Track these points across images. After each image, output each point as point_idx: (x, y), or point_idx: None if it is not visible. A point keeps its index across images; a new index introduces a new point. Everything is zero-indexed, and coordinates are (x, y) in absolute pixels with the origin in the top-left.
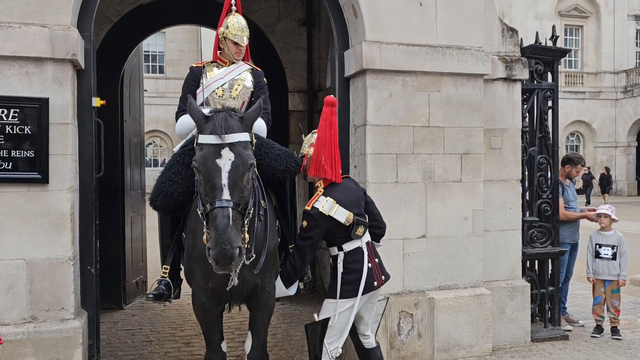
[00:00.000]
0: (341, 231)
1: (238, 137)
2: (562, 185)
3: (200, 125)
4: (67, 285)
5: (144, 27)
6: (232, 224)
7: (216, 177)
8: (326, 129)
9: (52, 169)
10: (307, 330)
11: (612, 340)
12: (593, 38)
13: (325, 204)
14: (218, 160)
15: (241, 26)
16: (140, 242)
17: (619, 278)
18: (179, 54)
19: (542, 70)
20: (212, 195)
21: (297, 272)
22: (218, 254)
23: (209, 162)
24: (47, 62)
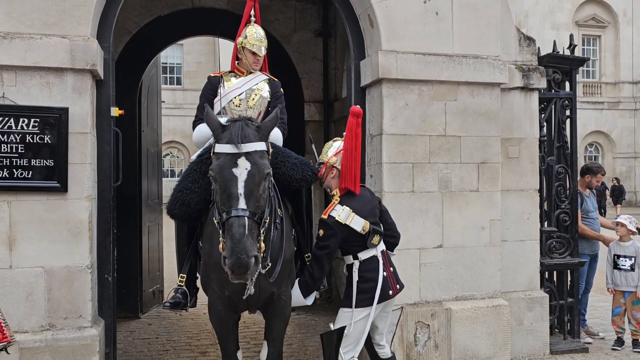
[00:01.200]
0: (357, 240)
1: (254, 147)
2: (582, 196)
3: (217, 134)
4: (84, 293)
5: (162, 38)
6: (247, 233)
7: (232, 186)
8: (352, 140)
9: (71, 178)
10: (323, 340)
11: (634, 353)
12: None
13: (341, 212)
14: (234, 170)
15: (260, 36)
16: (157, 251)
17: (637, 290)
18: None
19: (559, 79)
20: (228, 205)
21: (316, 282)
22: (234, 263)
23: (225, 171)
24: (67, 72)
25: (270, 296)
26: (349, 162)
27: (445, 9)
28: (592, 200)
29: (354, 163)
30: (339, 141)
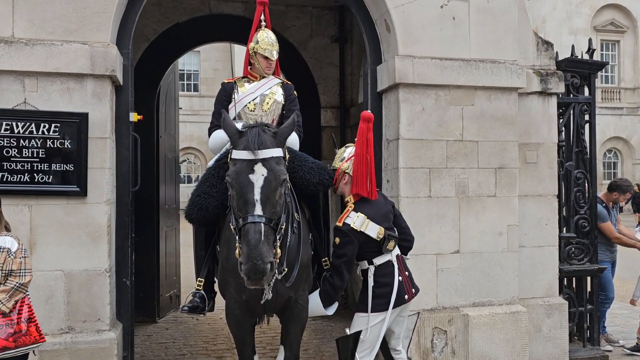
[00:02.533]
0: (372, 246)
1: (271, 153)
2: (608, 209)
3: (234, 140)
4: (103, 296)
5: (180, 45)
6: (263, 239)
7: (249, 192)
8: (363, 145)
9: (91, 182)
10: (339, 345)
11: None
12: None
13: (356, 219)
14: (251, 176)
15: (271, 41)
16: (174, 256)
17: None
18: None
19: (578, 84)
20: (245, 210)
21: (337, 291)
22: (249, 269)
23: (241, 177)
24: (87, 78)
25: (287, 300)
26: (361, 168)
27: (462, 13)
28: (615, 214)
29: (365, 168)
30: (351, 147)
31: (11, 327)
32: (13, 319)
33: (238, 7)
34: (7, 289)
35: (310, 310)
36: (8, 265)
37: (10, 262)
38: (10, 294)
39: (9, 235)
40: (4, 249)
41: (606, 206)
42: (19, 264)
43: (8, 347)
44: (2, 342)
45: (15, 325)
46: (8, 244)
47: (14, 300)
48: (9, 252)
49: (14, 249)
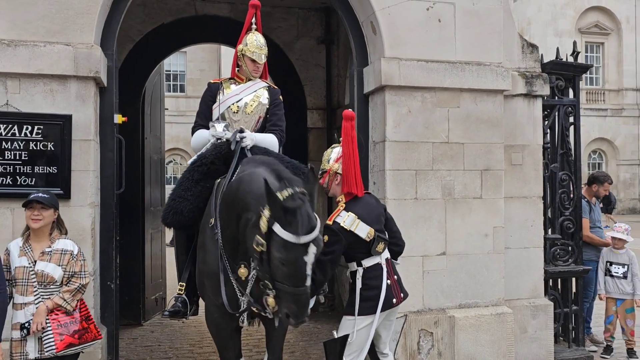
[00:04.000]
0: (361, 247)
1: (318, 229)
2: (590, 205)
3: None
4: (87, 300)
5: (165, 46)
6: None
7: (301, 269)
8: (348, 144)
9: (74, 185)
10: (326, 348)
11: None
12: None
13: (346, 219)
14: (305, 257)
15: (260, 44)
16: (159, 259)
17: (635, 298)
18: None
19: (563, 86)
20: (296, 283)
21: (318, 287)
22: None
23: (299, 262)
24: (71, 79)
25: None
26: (349, 167)
27: (448, 16)
28: (598, 210)
29: (352, 167)
30: (337, 147)
31: (76, 324)
32: (76, 317)
33: (224, 8)
34: (72, 289)
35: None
36: (71, 267)
37: (73, 264)
38: (73, 294)
39: (68, 239)
40: (67, 251)
41: (588, 201)
42: (80, 266)
43: (73, 344)
44: (69, 339)
45: (79, 324)
46: (70, 247)
47: (76, 300)
48: (72, 255)
49: (76, 252)
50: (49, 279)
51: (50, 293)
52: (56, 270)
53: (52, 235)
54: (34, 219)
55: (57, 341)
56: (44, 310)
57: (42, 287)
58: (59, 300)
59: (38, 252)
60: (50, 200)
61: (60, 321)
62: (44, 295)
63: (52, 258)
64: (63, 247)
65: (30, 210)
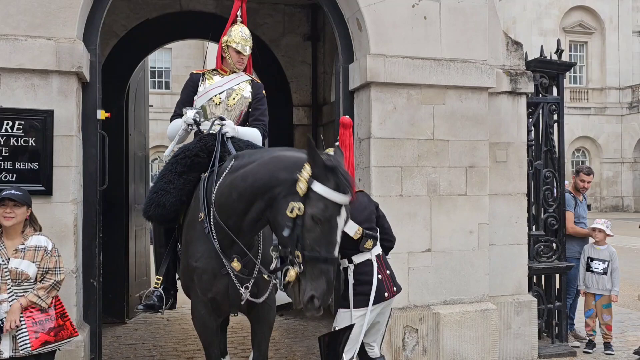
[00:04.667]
0: (350, 244)
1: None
2: (576, 200)
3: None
4: (69, 298)
5: (150, 41)
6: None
7: (333, 233)
8: (346, 152)
9: (56, 181)
10: (322, 342)
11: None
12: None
13: None
14: (338, 219)
15: (245, 36)
16: (144, 256)
17: (612, 294)
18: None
19: (547, 84)
20: (326, 249)
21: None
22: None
23: (332, 221)
24: (53, 74)
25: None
26: None
27: (433, 13)
28: (584, 207)
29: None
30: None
31: (51, 322)
32: (51, 315)
33: (210, 4)
34: (46, 286)
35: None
36: (45, 263)
37: (47, 260)
38: (48, 291)
39: (42, 235)
40: (41, 247)
41: (574, 196)
42: (55, 263)
43: (49, 342)
44: (44, 337)
45: (54, 321)
46: (44, 243)
47: (51, 297)
48: (46, 251)
49: (50, 248)
50: (24, 277)
51: (25, 290)
52: (30, 267)
53: (25, 232)
54: (6, 216)
55: (32, 339)
56: (18, 308)
57: (16, 284)
58: (34, 298)
59: (11, 250)
60: (22, 197)
61: (35, 319)
62: (18, 293)
63: (26, 255)
64: (37, 243)
65: (2, 207)
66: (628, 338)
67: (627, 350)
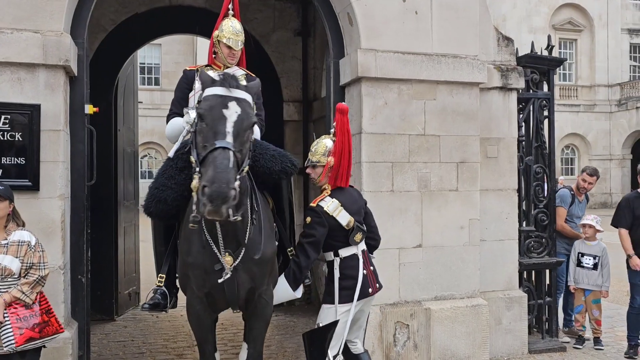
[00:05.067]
0: (340, 235)
1: (244, 95)
2: (574, 198)
3: (207, 85)
4: (57, 294)
5: (139, 36)
6: (231, 166)
7: (221, 124)
8: (345, 137)
9: (43, 177)
10: (307, 339)
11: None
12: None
13: (330, 204)
14: (224, 111)
15: (236, 30)
16: (133, 253)
17: (602, 289)
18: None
19: (537, 80)
20: (214, 139)
21: (302, 271)
22: (214, 192)
23: (215, 110)
24: (39, 68)
25: (250, 292)
26: (343, 161)
27: (424, 8)
28: (582, 207)
29: (347, 161)
30: (328, 139)
31: (35, 318)
32: (36, 311)
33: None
34: (30, 282)
35: (277, 295)
36: (29, 258)
37: (31, 255)
38: (32, 286)
39: (25, 230)
40: (24, 242)
41: (573, 194)
42: (39, 258)
43: (34, 338)
44: (29, 333)
45: (39, 317)
46: (27, 238)
47: (35, 293)
48: (29, 246)
49: (33, 243)
50: (7, 272)
51: (8, 286)
52: (13, 262)
53: (7, 228)
54: None
55: (16, 335)
56: (1, 304)
57: (0, 280)
58: (17, 293)
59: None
60: (4, 191)
61: (20, 315)
62: (2, 289)
63: (9, 250)
64: (20, 238)
65: None
66: (617, 333)
67: (617, 345)
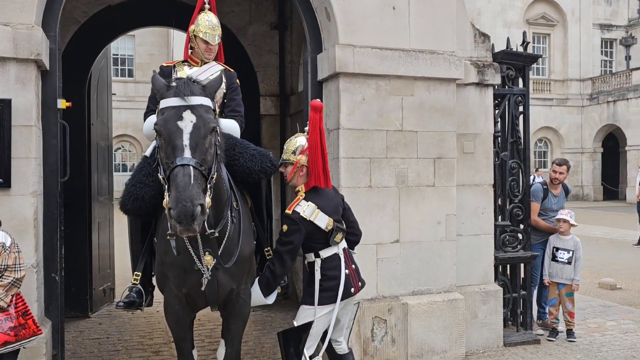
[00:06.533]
0: (320, 237)
1: (200, 100)
2: (547, 192)
3: (162, 93)
4: (30, 293)
5: (112, 28)
6: (193, 182)
7: (177, 138)
8: (317, 136)
9: (15, 173)
10: (281, 338)
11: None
12: (560, 46)
13: (306, 208)
14: (179, 122)
15: (212, 24)
16: (107, 248)
17: (573, 283)
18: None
19: (513, 76)
20: (173, 156)
21: (277, 279)
22: (180, 213)
23: (170, 124)
24: (10, 62)
25: (230, 293)
26: (317, 159)
27: (402, 3)
28: (557, 200)
29: (321, 159)
30: (301, 137)
31: (11, 321)
32: (11, 314)
33: None
34: (4, 284)
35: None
36: (4, 260)
37: (6, 257)
38: (7, 289)
39: (1, 231)
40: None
41: (547, 188)
42: (14, 259)
43: (9, 342)
44: (4, 337)
45: (14, 320)
46: (2, 239)
47: (10, 295)
48: (4, 247)
49: (8, 244)
50: None
51: None
52: None
53: None
54: None
55: None
56: None
57: None
58: None
59: None
60: None
61: None
62: None
63: None
64: None
65: None
66: (589, 325)
67: (589, 337)
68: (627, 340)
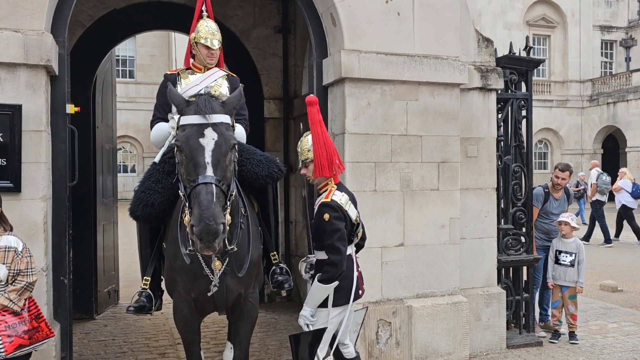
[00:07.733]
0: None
1: (221, 118)
2: (548, 196)
3: (182, 108)
4: (39, 296)
5: (117, 32)
6: (216, 201)
7: (199, 155)
8: (317, 127)
9: (25, 178)
10: (294, 341)
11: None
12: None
13: (341, 197)
14: (201, 140)
15: (212, 30)
16: (112, 250)
17: (577, 285)
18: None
19: (516, 80)
20: (195, 173)
21: (338, 268)
22: (202, 230)
23: (192, 141)
24: (20, 67)
25: (238, 297)
26: (320, 151)
27: (406, 9)
28: (559, 204)
29: (324, 150)
30: (310, 135)
31: (25, 324)
32: (25, 317)
33: None
34: (18, 289)
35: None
36: (16, 265)
37: (19, 261)
38: (20, 293)
39: (12, 235)
40: (11, 248)
41: (547, 192)
42: (26, 264)
43: (24, 345)
44: (19, 340)
45: (28, 323)
46: (14, 244)
47: (23, 299)
48: (16, 252)
49: (20, 249)
50: None
51: None
52: (0, 269)
53: None
54: None
55: (5, 343)
56: None
57: None
58: (5, 301)
59: None
60: None
61: (8, 322)
62: None
63: None
64: (6, 244)
65: None
66: (591, 327)
67: (591, 339)
68: (628, 343)
